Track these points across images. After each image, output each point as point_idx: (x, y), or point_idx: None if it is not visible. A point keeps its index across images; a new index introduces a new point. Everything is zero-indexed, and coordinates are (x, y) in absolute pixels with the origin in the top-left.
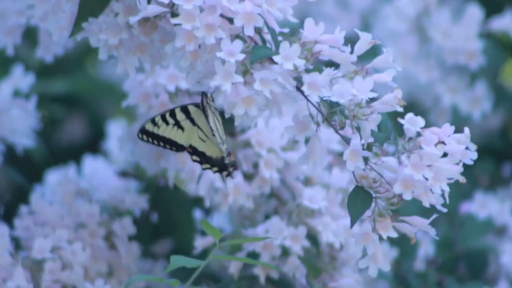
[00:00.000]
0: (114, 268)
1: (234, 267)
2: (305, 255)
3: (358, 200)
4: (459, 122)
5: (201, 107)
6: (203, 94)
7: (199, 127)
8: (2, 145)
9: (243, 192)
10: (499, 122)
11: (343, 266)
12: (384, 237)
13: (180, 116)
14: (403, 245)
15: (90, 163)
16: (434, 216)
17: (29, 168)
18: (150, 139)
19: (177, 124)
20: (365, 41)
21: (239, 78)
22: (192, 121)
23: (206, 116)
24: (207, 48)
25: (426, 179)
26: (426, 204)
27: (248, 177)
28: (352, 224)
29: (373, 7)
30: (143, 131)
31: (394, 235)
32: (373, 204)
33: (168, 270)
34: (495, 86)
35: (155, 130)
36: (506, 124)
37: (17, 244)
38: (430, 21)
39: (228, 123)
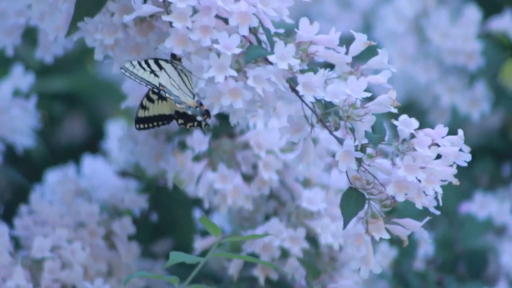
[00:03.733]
0: (113, 267)
1: (233, 268)
2: (305, 256)
3: (351, 201)
4: (458, 122)
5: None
6: (172, 56)
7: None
8: (2, 145)
9: (242, 193)
10: (498, 122)
11: (342, 267)
12: (377, 238)
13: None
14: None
15: (90, 162)
16: (427, 218)
17: (29, 168)
18: (146, 125)
19: (160, 97)
20: (360, 42)
21: (233, 72)
22: None
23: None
24: (201, 50)
25: (419, 181)
26: (419, 206)
27: (247, 178)
28: (345, 225)
29: (373, 7)
30: (138, 120)
31: (387, 236)
32: (366, 205)
33: (167, 265)
34: (495, 86)
35: (146, 113)
36: (506, 124)
37: (16, 244)
38: (429, 21)
39: (227, 124)
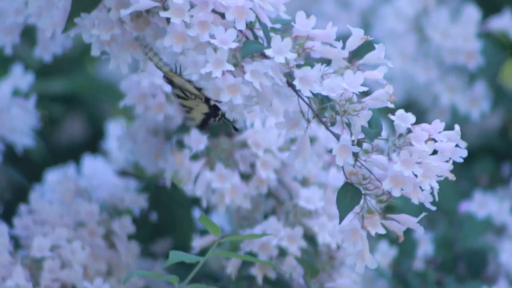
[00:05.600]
0: (113, 267)
1: (232, 267)
2: (303, 255)
3: (347, 196)
4: (458, 121)
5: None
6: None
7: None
8: (1, 144)
9: (240, 192)
10: (498, 122)
11: (341, 266)
12: (373, 233)
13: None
14: (403, 244)
15: (90, 162)
16: (423, 214)
17: (28, 167)
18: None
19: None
20: (357, 37)
21: (230, 67)
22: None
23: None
24: (199, 46)
25: (416, 176)
26: (415, 201)
27: (246, 177)
28: (341, 220)
29: (373, 6)
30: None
31: (383, 231)
32: (362, 200)
33: (166, 265)
34: (495, 85)
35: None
36: (506, 123)
37: (16, 243)
38: (429, 21)
39: (224, 123)
